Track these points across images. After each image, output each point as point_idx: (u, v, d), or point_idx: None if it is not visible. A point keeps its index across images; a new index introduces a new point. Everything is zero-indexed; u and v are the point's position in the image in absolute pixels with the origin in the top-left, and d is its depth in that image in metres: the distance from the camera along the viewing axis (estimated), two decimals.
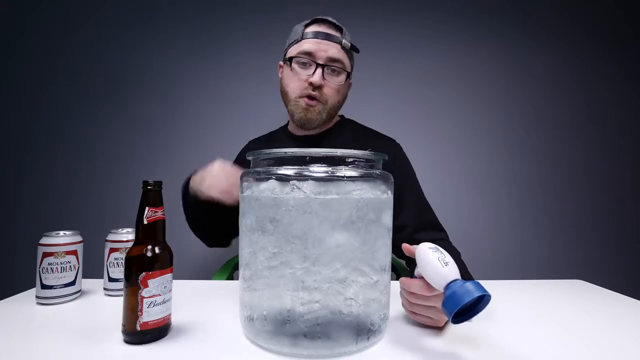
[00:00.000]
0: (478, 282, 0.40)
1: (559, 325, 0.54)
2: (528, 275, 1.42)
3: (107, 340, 0.45)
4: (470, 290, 0.39)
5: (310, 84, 0.78)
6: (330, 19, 0.83)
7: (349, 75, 0.83)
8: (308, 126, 0.83)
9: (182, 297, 0.58)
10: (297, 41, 0.82)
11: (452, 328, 0.51)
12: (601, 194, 1.47)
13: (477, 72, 1.45)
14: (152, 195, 0.46)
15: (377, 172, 0.47)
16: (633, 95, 1.49)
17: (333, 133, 0.89)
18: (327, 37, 0.79)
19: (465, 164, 1.44)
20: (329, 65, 0.79)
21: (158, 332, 0.45)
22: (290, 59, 0.81)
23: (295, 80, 0.81)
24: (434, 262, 0.43)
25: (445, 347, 0.45)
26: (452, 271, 0.42)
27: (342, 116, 0.96)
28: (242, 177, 0.48)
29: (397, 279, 0.98)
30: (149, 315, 0.43)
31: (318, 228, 0.40)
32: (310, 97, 0.80)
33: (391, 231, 0.48)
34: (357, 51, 0.84)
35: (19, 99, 1.37)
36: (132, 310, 0.43)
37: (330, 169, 0.42)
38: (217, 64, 1.41)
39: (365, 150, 0.83)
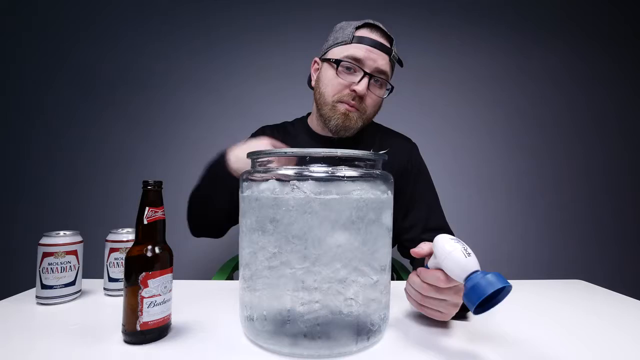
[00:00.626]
0: (499, 274, 0.40)
1: (559, 325, 0.54)
2: (528, 275, 1.42)
3: (107, 340, 0.45)
4: (492, 282, 0.39)
5: (354, 91, 0.75)
6: (382, 26, 0.79)
7: (392, 91, 0.81)
8: (343, 133, 0.80)
9: (182, 297, 0.58)
10: (345, 43, 0.77)
11: (453, 327, 0.51)
12: (601, 194, 1.47)
13: (476, 72, 1.45)
14: (152, 195, 0.46)
15: (377, 172, 0.47)
16: (633, 95, 1.49)
17: (362, 140, 0.87)
18: (378, 46, 0.76)
19: (465, 164, 1.44)
20: (376, 77, 0.76)
21: (158, 332, 0.45)
22: (338, 62, 0.76)
23: (337, 84, 0.77)
24: (455, 252, 0.42)
25: (445, 347, 0.45)
26: (473, 262, 0.42)
27: None
28: (242, 176, 0.48)
29: (397, 279, 0.99)
30: (149, 315, 0.43)
31: (318, 228, 0.40)
32: (350, 104, 0.77)
33: (391, 231, 0.48)
34: (401, 65, 0.81)
35: (19, 99, 1.37)
36: (132, 310, 0.43)
37: (330, 169, 0.42)
38: (217, 66, 1.41)
39: (385, 150, 0.83)
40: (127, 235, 0.63)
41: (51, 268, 0.57)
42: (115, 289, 0.63)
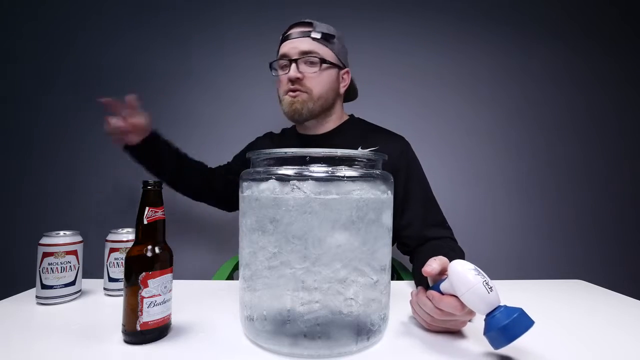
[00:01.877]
0: (521, 309, 0.40)
1: (559, 325, 0.53)
2: (528, 275, 1.42)
3: (107, 340, 0.45)
4: (522, 324, 0.39)
5: (289, 79, 0.83)
6: (302, 19, 0.88)
7: (326, 62, 0.85)
8: (298, 117, 0.85)
9: (182, 297, 0.58)
10: (277, 50, 0.89)
11: None
12: (601, 194, 1.47)
13: (476, 71, 1.45)
14: (152, 195, 0.46)
15: (377, 172, 0.47)
16: (633, 95, 1.49)
17: (339, 131, 0.91)
18: (297, 35, 0.85)
19: (465, 164, 1.44)
20: (301, 58, 0.83)
21: (158, 332, 0.45)
22: (270, 65, 0.89)
23: (279, 82, 0.88)
24: (478, 287, 0.41)
25: (445, 347, 0.45)
26: (496, 296, 0.41)
27: (351, 115, 0.97)
28: (242, 176, 0.48)
29: (397, 279, 0.99)
30: (149, 315, 0.43)
31: (318, 228, 0.40)
32: (291, 90, 0.84)
33: (391, 231, 0.48)
34: (332, 37, 0.87)
35: (19, 99, 1.37)
36: (132, 310, 0.43)
37: (330, 169, 0.42)
38: (218, 66, 1.41)
39: (374, 147, 0.84)
40: (127, 235, 0.63)
41: (51, 268, 0.57)
42: (115, 289, 0.63)
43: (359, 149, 0.84)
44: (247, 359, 0.42)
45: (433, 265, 0.48)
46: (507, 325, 0.39)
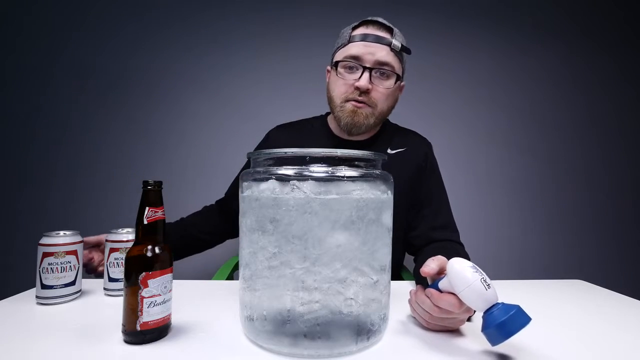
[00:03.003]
0: (518, 306, 0.40)
1: (558, 325, 0.54)
2: (528, 275, 1.42)
3: (107, 340, 0.45)
4: (519, 320, 0.39)
5: (357, 88, 0.76)
6: (379, 19, 0.80)
7: (399, 78, 0.79)
8: (355, 131, 0.79)
9: (182, 297, 0.58)
10: (343, 45, 0.79)
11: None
12: (601, 194, 1.47)
13: (476, 72, 1.45)
14: (152, 195, 0.46)
15: (377, 172, 0.47)
16: (633, 96, 1.49)
17: (379, 139, 0.87)
18: (375, 39, 0.76)
19: (465, 164, 1.44)
20: (377, 69, 0.76)
21: (158, 332, 0.45)
22: (337, 64, 0.78)
23: (341, 85, 0.78)
24: (476, 284, 0.41)
25: (445, 347, 0.45)
26: (493, 294, 0.42)
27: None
28: (242, 176, 0.48)
29: (396, 279, 0.98)
30: (149, 315, 0.43)
31: (318, 228, 0.40)
32: (357, 101, 0.77)
33: (391, 231, 0.48)
34: (409, 52, 0.80)
35: (18, 99, 1.37)
36: (132, 310, 0.43)
37: (330, 169, 0.42)
38: (215, 64, 1.41)
39: (402, 149, 0.84)
40: (127, 235, 0.63)
41: (51, 268, 0.57)
42: (115, 289, 0.63)
43: (388, 150, 0.85)
44: (247, 359, 0.42)
45: (431, 265, 0.48)
46: (504, 322, 0.39)
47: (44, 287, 0.57)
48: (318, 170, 0.42)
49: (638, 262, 1.46)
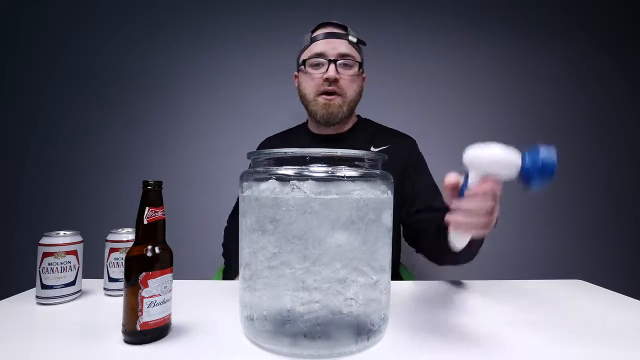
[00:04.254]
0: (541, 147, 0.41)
1: (558, 325, 0.53)
2: (528, 275, 1.42)
3: (107, 340, 0.45)
4: (550, 153, 0.41)
5: (326, 79, 0.83)
6: (333, 20, 0.87)
7: (361, 66, 0.87)
8: (332, 121, 0.86)
9: (182, 297, 0.58)
10: (306, 47, 0.87)
11: (453, 327, 0.51)
12: (601, 194, 1.47)
13: (476, 71, 1.45)
14: (152, 195, 0.46)
15: (377, 172, 0.47)
16: (633, 95, 1.49)
17: (352, 132, 0.93)
18: (334, 36, 0.85)
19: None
20: (341, 60, 0.84)
21: (158, 332, 0.45)
22: (304, 62, 0.86)
23: (311, 81, 0.86)
24: (495, 146, 0.42)
25: (445, 347, 0.45)
26: (515, 151, 0.42)
27: (359, 116, 0.99)
28: (242, 177, 0.48)
29: (395, 279, 0.98)
30: (149, 315, 0.43)
31: (318, 228, 0.40)
32: (327, 92, 0.84)
33: (391, 231, 0.48)
34: (364, 44, 0.88)
35: (18, 99, 1.37)
36: (132, 310, 0.43)
37: (330, 169, 0.42)
38: (216, 64, 1.41)
39: (384, 147, 0.88)
40: (127, 235, 0.63)
41: (51, 268, 0.57)
42: (115, 289, 0.63)
43: (371, 148, 0.88)
44: (247, 359, 0.42)
45: (449, 179, 0.47)
46: (542, 161, 0.41)
47: (44, 287, 0.57)
48: (318, 170, 0.42)
49: (638, 262, 1.46)
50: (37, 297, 0.58)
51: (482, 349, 0.45)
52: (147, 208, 0.45)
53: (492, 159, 0.42)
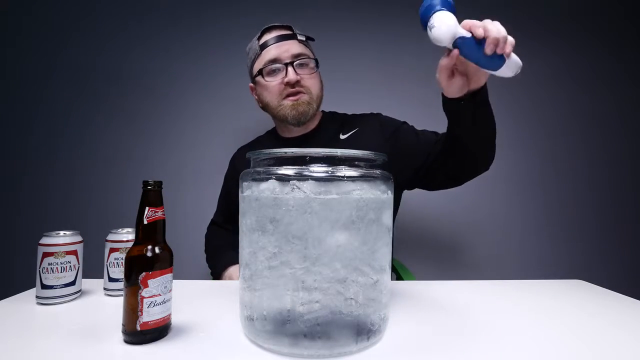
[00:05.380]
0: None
1: (559, 325, 0.53)
2: (528, 275, 1.42)
3: (107, 340, 0.45)
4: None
5: (287, 83, 0.82)
6: (276, 23, 0.87)
7: (316, 62, 0.87)
8: (304, 119, 0.85)
9: (182, 297, 0.58)
10: (257, 55, 0.86)
11: (452, 327, 0.51)
12: (602, 194, 1.47)
13: None
14: (152, 195, 0.46)
15: (377, 172, 0.47)
16: (636, 95, 1.49)
17: (320, 130, 0.93)
18: (282, 38, 0.84)
19: None
20: (297, 60, 0.83)
21: (158, 332, 0.45)
22: (260, 72, 0.84)
23: (271, 89, 0.85)
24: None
25: (445, 347, 0.45)
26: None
27: (323, 111, 0.99)
28: (242, 177, 0.48)
29: (397, 279, 0.98)
30: (149, 315, 0.43)
31: (318, 228, 0.40)
32: (291, 94, 0.83)
33: (391, 231, 0.48)
34: (313, 39, 0.89)
35: (18, 99, 1.37)
36: (132, 310, 0.43)
37: (330, 168, 0.42)
38: (215, 64, 1.41)
39: (352, 131, 0.89)
40: (127, 235, 0.63)
41: (51, 268, 0.57)
42: (115, 289, 0.63)
43: (340, 136, 0.89)
44: (247, 359, 0.42)
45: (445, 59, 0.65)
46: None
47: (44, 287, 0.57)
48: (318, 170, 0.42)
49: (638, 262, 1.46)
50: (37, 297, 0.58)
51: (482, 349, 0.45)
52: (147, 208, 0.45)
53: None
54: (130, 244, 0.54)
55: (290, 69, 0.82)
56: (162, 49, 1.40)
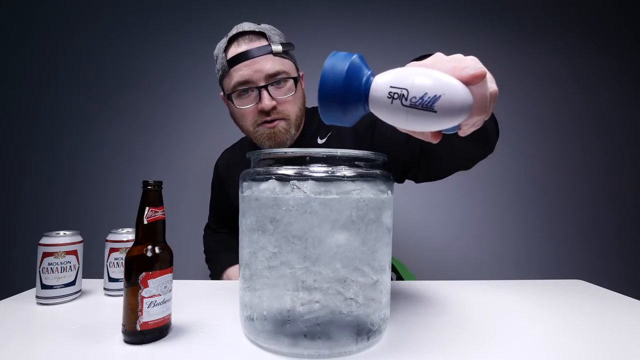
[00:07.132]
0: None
1: (559, 325, 0.53)
2: (528, 275, 1.42)
3: (107, 340, 0.45)
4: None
5: (262, 110, 0.71)
6: (247, 28, 0.73)
7: (295, 79, 0.75)
8: (282, 146, 0.76)
9: (182, 297, 0.58)
10: (225, 72, 0.72)
11: (452, 328, 0.51)
12: (601, 194, 1.47)
13: None
14: (152, 195, 0.46)
15: (377, 172, 0.47)
16: (633, 95, 1.49)
17: (306, 134, 0.84)
18: (254, 53, 0.69)
19: None
20: (271, 83, 0.71)
21: (158, 332, 0.45)
22: (229, 97, 0.73)
23: (245, 115, 0.73)
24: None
25: (445, 347, 0.45)
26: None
27: (306, 108, 0.89)
28: (242, 176, 0.48)
29: (397, 279, 0.98)
30: (149, 315, 0.43)
31: (318, 228, 0.40)
32: (267, 122, 0.72)
33: (391, 231, 0.48)
34: (292, 46, 0.76)
35: (19, 99, 1.37)
36: (132, 310, 0.43)
37: (330, 168, 0.42)
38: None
39: (328, 135, 0.81)
40: (127, 235, 0.63)
41: (51, 268, 0.57)
42: (115, 289, 0.63)
43: (318, 140, 0.82)
44: (247, 359, 0.42)
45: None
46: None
47: (44, 287, 0.57)
48: (318, 170, 0.42)
49: (638, 262, 1.46)
50: (37, 297, 0.58)
51: (482, 349, 0.45)
52: (147, 208, 0.45)
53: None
54: (130, 244, 0.54)
55: (264, 93, 0.70)
56: (163, 50, 1.40)
